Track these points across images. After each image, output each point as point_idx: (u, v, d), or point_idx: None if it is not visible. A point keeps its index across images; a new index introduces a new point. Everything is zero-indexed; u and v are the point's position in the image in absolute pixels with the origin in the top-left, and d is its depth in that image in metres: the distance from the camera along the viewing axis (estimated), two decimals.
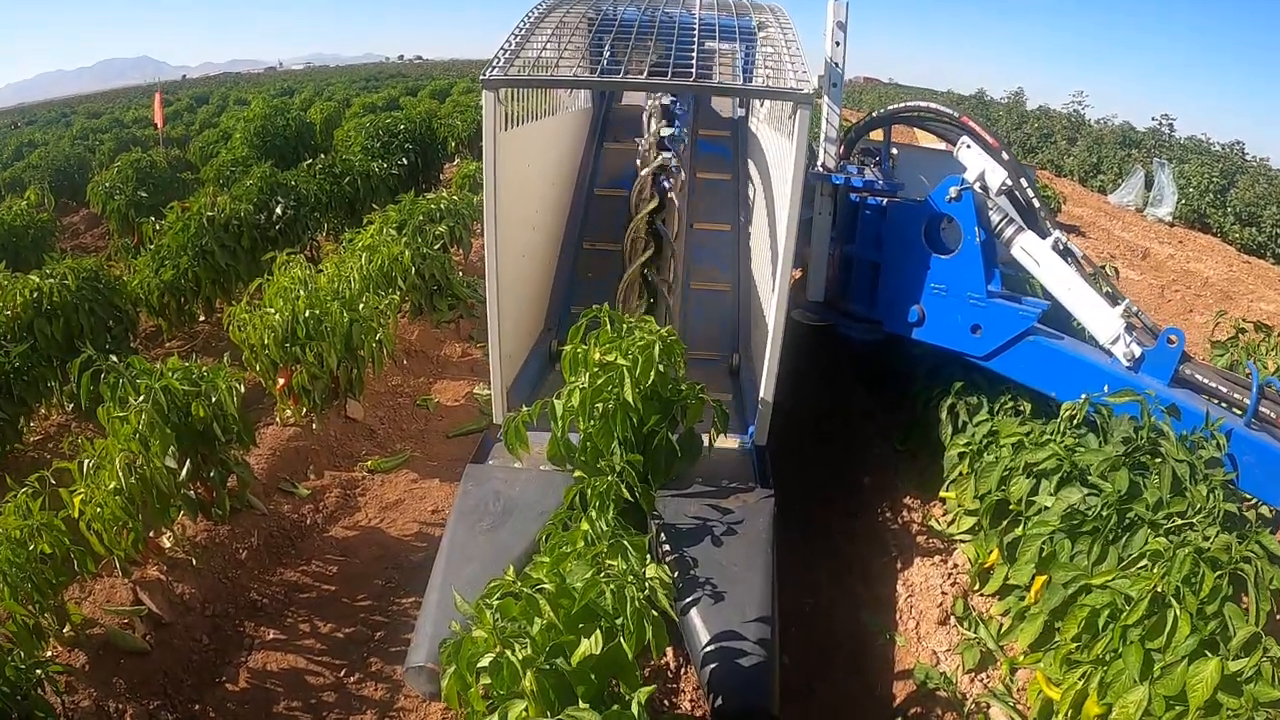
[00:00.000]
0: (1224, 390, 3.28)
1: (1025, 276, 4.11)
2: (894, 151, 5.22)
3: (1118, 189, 15.26)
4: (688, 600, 2.60)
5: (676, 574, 2.67)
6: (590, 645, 1.69)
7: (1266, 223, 12.59)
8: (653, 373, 2.70)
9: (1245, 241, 12.70)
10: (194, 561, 3.43)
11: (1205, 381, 3.32)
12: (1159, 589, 2.29)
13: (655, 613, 1.78)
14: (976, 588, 3.44)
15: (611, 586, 1.75)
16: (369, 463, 4.46)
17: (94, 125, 19.11)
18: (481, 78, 3.15)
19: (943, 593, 3.46)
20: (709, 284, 4.97)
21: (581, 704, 1.57)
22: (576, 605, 1.73)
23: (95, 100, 30.87)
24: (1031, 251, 3.76)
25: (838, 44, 4.10)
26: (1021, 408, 3.66)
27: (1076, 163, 17.42)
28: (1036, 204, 3.91)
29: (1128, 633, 2.36)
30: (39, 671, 2.53)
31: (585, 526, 2.12)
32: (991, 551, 3.33)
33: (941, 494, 3.74)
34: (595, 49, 4.18)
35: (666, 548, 2.81)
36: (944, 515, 3.88)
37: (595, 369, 2.76)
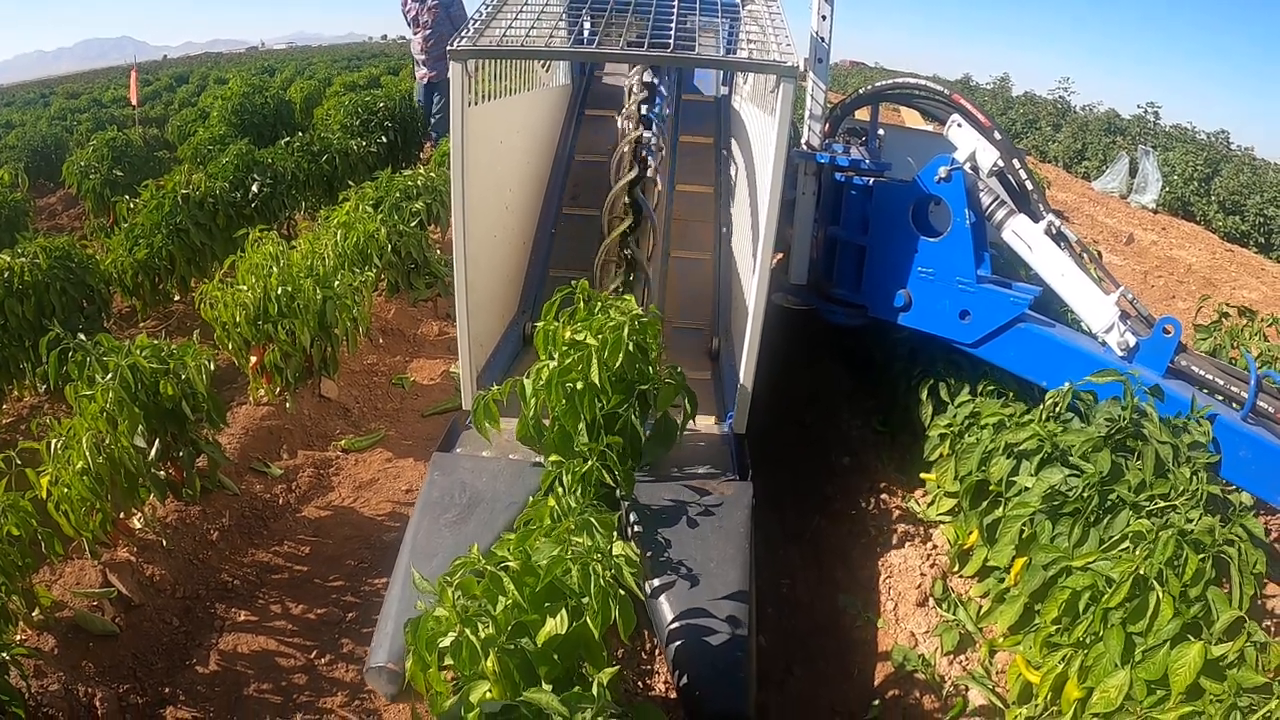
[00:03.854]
0: (1220, 383, 3.21)
1: (1015, 260, 4.05)
2: (881, 132, 5.13)
3: (1102, 175, 15.31)
4: (660, 597, 2.54)
5: (650, 569, 2.61)
6: (555, 625, 1.65)
7: (1249, 211, 12.65)
8: (621, 354, 2.63)
9: (1228, 230, 12.76)
10: (164, 543, 3.36)
11: (1201, 373, 3.25)
12: (1141, 571, 2.27)
13: (622, 592, 1.74)
14: (956, 569, 3.42)
15: (577, 564, 1.70)
16: (343, 442, 4.39)
17: (72, 105, 18.71)
18: (449, 48, 3.04)
19: (921, 574, 3.44)
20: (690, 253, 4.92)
21: (545, 685, 1.53)
22: (541, 583, 1.68)
23: (75, 81, 30.22)
24: (1024, 235, 3.67)
25: (824, 18, 4.01)
26: (1005, 391, 3.62)
27: (1061, 149, 17.45)
28: (1029, 186, 3.79)
29: (1109, 615, 2.34)
30: (5, 656, 2.47)
31: (552, 503, 2.07)
32: (971, 533, 3.31)
33: (922, 475, 3.71)
34: (573, 23, 4.09)
35: (639, 534, 2.75)
36: (924, 497, 3.86)
37: (565, 348, 2.69)
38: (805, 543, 3.89)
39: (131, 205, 6.23)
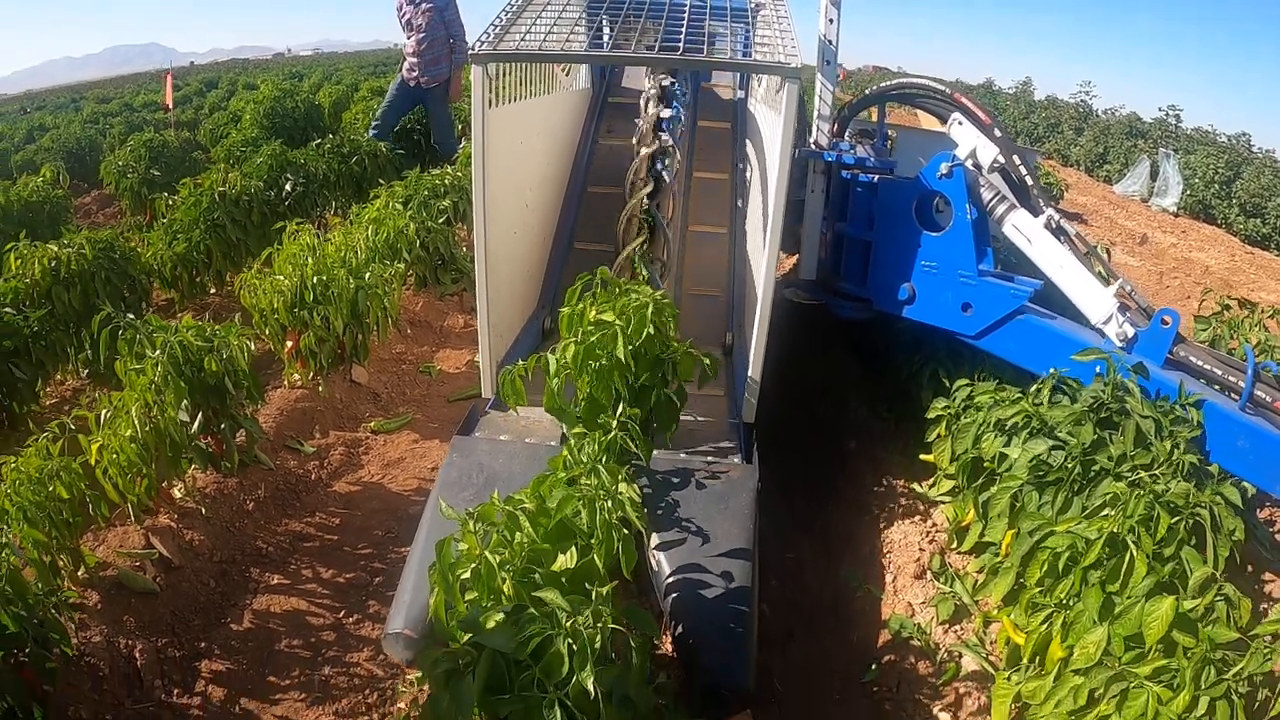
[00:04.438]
0: (1219, 373, 3.27)
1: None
2: (892, 134, 5.27)
3: (1123, 179, 15.33)
4: (663, 558, 2.67)
5: (656, 533, 2.75)
6: (566, 560, 1.83)
7: (1270, 214, 12.66)
8: (645, 332, 2.80)
9: (1249, 233, 12.76)
10: (203, 511, 3.58)
11: (1199, 364, 3.33)
12: (1116, 531, 2.41)
13: (626, 531, 1.92)
14: (954, 545, 3.57)
15: (585, 504, 1.88)
16: (372, 424, 4.61)
17: (104, 110, 19.02)
18: (470, 52, 3.21)
19: (920, 549, 3.59)
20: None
21: None
22: (552, 521, 1.86)
23: (103, 86, 30.59)
24: (1023, 229, 3.78)
25: (831, 21, 4.18)
26: (1000, 377, 3.74)
27: (1083, 153, 17.47)
28: (1029, 181, 3.91)
29: (1087, 575, 2.49)
30: (54, 599, 2.68)
31: (566, 455, 2.25)
32: (969, 511, 3.45)
33: (921, 456, 3.85)
34: (592, 27, 4.24)
35: (648, 497, 2.90)
36: (927, 480, 4.00)
37: (590, 326, 2.86)
38: (812, 522, 4.04)
39: (170, 202, 6.50)
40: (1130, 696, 2.28)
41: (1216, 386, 3.31)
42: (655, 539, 2.74)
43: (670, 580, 2.64)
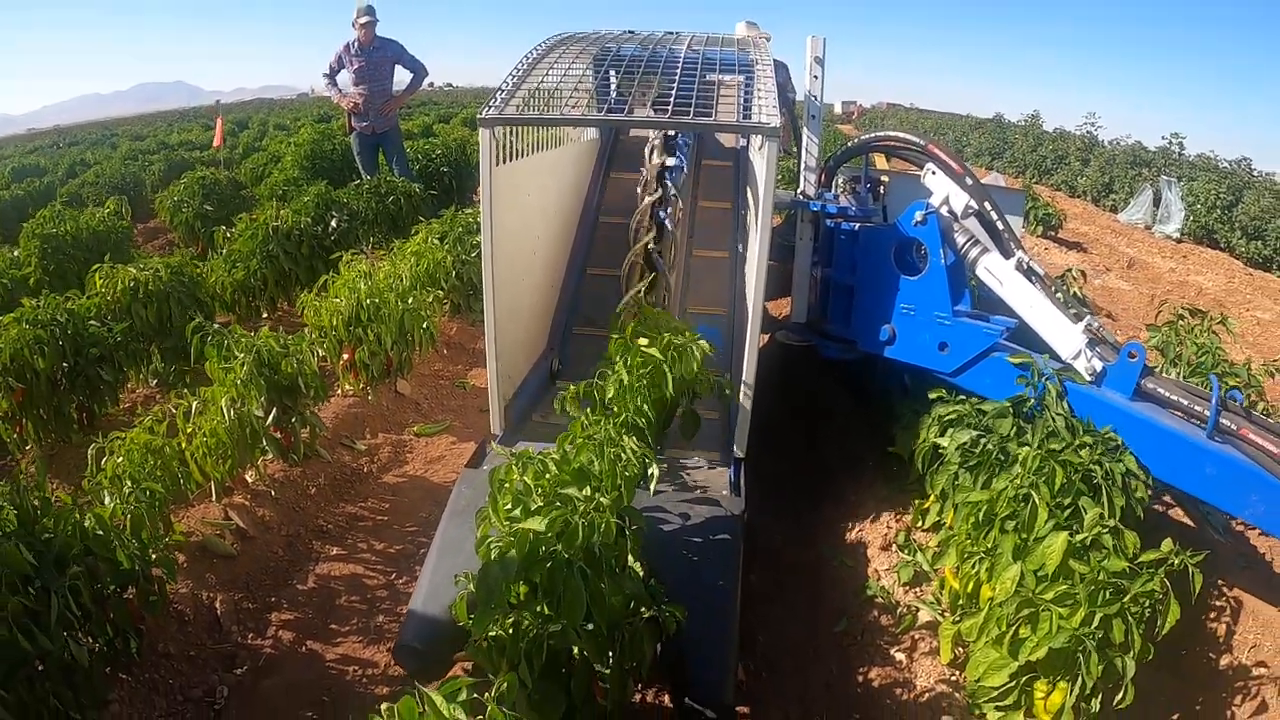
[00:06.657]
0: (1185, 403, 3.36)
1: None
2: (885, 179, 5.58)
3: (1127, 207, 15.76)
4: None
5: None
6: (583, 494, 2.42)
7: (1271, 236, 12.95)
8: (693, 368, 3.32)
9: (1251, 255, 13.08)
10: (273, 493, 4.22)
11: (1167, 395, 3.42)
12: (1020, 484, 2.97)
13: (628, 474, 2.51)
14: (918, 524, 4.09)
15: (595, 449, 2.48)
16: (415, 428, 5.28)
17: (140, 147, 19.45)
18: (479, 116, 3.49)
19: (889, 527, 4.15)
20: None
21: None
22: (571, 466, 2.47)
23: (132, 123, 31.19)
24: (995, 271, 3.95)
25: (815, 78, 4.53)
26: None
27: (1089, 183, 17.93)
28: (1000, 226, 4.07)
29: (1004, 524, 3.03)
30: (161, 543, 3.26)
31: (582, 419, 2.82)
32: (930, 495, 3.96)
33: (889, 449, 4.34)
34: (600, 82, 4.45)
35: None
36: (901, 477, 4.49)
37: (638, 358, 3.26)
38: (794, 509, 4.56)
39: (228, 234, 7.22)
40: (1040, 619, 2.81)
41: (1184, 416, 3.43)
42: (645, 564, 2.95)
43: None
